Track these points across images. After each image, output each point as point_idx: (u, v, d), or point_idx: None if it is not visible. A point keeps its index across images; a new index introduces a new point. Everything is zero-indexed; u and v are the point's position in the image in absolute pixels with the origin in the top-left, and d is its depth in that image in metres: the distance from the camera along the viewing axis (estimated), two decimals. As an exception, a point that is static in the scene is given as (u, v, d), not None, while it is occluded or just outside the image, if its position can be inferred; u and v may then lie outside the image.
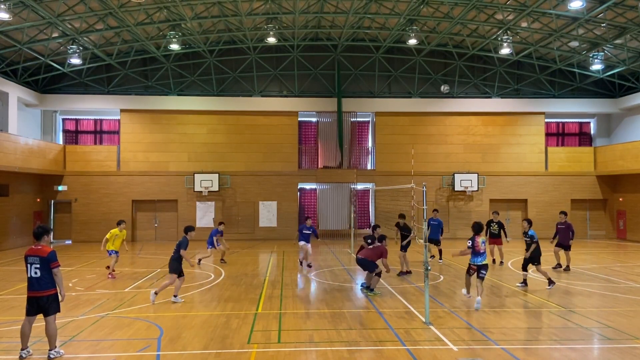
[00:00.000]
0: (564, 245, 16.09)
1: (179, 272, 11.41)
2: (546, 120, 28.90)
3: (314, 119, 28.61)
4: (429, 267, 9.86)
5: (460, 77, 28.30)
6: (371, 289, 12.30)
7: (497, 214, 17.66)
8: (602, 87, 28.53)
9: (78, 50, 23.21)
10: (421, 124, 28.26)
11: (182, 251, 11.33)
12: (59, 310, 7.78)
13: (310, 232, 16.72)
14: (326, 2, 21.53)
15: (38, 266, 7.58)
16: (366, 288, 12.47)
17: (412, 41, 23.54)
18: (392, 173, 26.96)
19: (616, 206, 28.08)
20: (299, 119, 28.24)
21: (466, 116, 28.29)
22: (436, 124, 28.23)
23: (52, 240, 23.21)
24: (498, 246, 17.06)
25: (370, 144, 28.97)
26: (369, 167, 28.73)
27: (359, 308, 10.98)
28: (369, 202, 28.74)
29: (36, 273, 7.58)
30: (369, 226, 27.69)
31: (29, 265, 7.64)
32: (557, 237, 16.34)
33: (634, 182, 26.23)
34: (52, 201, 26.72)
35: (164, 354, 7.83)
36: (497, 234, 16.93)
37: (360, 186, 27.69)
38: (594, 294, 12.47)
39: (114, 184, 26.81)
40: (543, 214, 27.51)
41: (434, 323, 9.45)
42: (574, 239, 16.20)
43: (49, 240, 8.03)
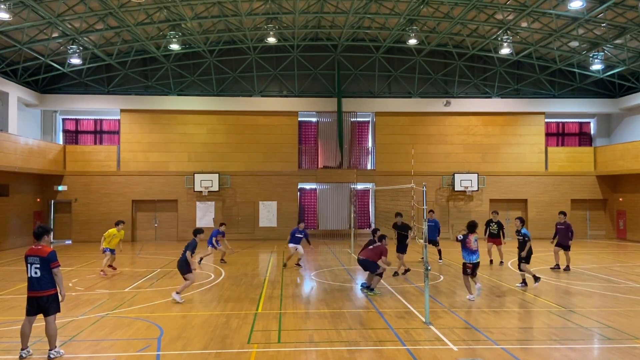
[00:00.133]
0: (564, 246, 16.10)
1: (190, 272, 11.57)
2: (546, 120, 28.89)
3: (314, 119, 28.61)
4: (429, 267, 9.86)
5: (460, 77, 28.29)
6: (371, 288, 12.30)
7: (497, 213, 17.67)
8: (602, 87, 28.52)
9: (78, 50, 23.21)
10: (421, 124, 28.26)
11: (187, 252, 11.46)
12: (59, 310, 7.79)
13: (302, 236, 16.77)
14: (326, 2, 21.53)
15: (38, 266, 7.58)
16: (366, 288, 12.47)
17: (412, 41, 23.55)
18: (392, 173, 26.95)
19: (616, 206, 28.08)
20: (299, 119, 28.24)
21: (466, 116, 28.28)
22: (436, 124, 28.23)
23: (52, 240, 23.20)
24: (497, 246, 17.06)
25: (370, 144, 28.97)
26: (369, 167, 28.73)
27: (359, 308, 10.98)
28: (369, 202, 28.74)
29: (36, 273, 7.59)
30: (369, 226, 27.72)
31: (29, 265, 7.65)
32: (556, 237, 16.36)
33: (634, 182, 26.23)
34: (52, 201, 26.71)
35: (164, 354, 7.83)
36: (496, 234, 16.94)
37: (360, 186, 27.70)
38: (594, 294, 12.47)
39: (114, 184, 26.81)
40: (543, 214, 27.54)
41: (434, 323, 9.45)
42: (573, 239, 16.21)
43: (49, 240, 8.04)
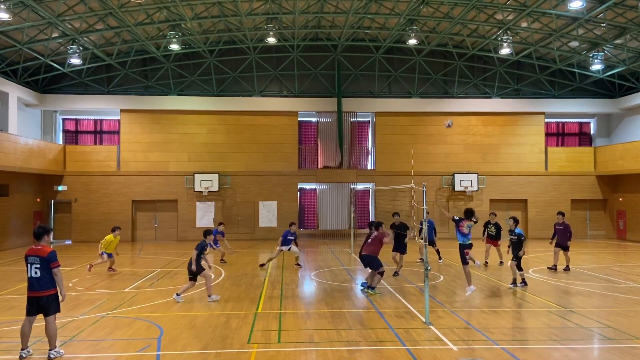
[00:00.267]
0: (563, 246, 16.11)
1: (202, 271, 11.62)
2: (546, 120, 28.89)
3: (314, 119, 28.61)
4: (429, 267, 9.86)
5: (460, 77, 28.29)
6: (372, 287, 12.28)
7: (495, 215, 17.67)
8: (602, 87, 28.52)
9: (78, 50, 23.21)
10: (421, 124, 28.25)
11: (193, 251, 11.59)
12: (59, 310, 7.79)
13: (293, 238, 16.88)
14: (326, 2, 21.53)
15: (38, 266, 7.58)
16: (367, 287, 12.46)
17: (412, 41, 23.55)
18: (392, 173, 26.95)
19: (616, 206, 28.08)
20: (299, 119, 28.24)
21: (466, 116, 28.26)
22: (436, 124, 28.18)
23: (52, 240, 23.19)
24: (495, 247, 17.08)
25: (370, 144, 28.96)
26: (369, 167, 28.73)
27: (359, 308, 10.98)
28: (369, 202, 28.74)
29: (36, 273, 7.59)
30: (368, 226, 27.68)
31: (29, 265, 7.65)
32: (555, 237, 16.36)
33: (634, 182, 26.23)
34: (52, 201, 26.71)
35: (164, 354, 7.83)
36: (494, 236, 16.97)
37: (360, 186, 27.68)
38: (594, 294, 12.47)
39: (114, 184, 26.81)
40: (543, 214, 27.53)
41: (434, 323, 9.44)
42: (571, 239, 16.21)
43: (49, 240, 8.04)
